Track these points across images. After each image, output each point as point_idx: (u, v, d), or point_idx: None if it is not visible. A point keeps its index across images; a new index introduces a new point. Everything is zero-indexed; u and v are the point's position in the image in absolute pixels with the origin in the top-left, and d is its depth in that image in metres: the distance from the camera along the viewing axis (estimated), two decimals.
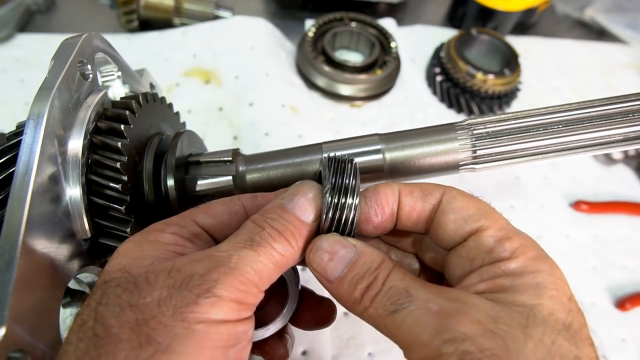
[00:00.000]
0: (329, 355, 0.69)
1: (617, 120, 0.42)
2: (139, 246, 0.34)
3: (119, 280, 0.31)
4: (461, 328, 0.29)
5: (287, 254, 0.34)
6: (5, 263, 0.32)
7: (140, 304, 0.29)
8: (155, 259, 0.33)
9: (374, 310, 0.33)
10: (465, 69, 1.02)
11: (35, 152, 0.37)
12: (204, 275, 0.30)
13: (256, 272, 0.31)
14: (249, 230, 0.34)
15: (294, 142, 0.81)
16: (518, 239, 0.34)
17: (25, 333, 0.32)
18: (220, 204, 0.39)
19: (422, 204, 0.38)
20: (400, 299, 0.32)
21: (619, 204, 0.97)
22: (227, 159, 0.51)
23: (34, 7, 1.09)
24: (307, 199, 0.37)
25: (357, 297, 0.34)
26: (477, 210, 0.36)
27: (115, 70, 0.52)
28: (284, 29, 1.10)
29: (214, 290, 0.29)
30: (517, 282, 0.32)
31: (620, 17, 1.32)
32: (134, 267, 0.31)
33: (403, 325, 0.31)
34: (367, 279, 0.34)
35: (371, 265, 0.34)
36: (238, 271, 0.30)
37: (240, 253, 0.32)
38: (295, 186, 0.38)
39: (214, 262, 0.31)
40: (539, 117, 0.44)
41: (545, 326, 0.29)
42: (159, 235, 0.35)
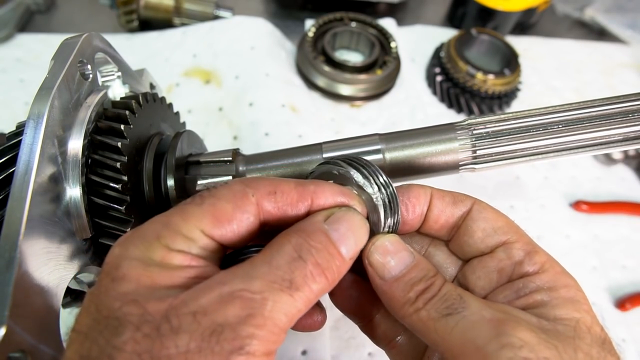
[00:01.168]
0: (329, 355, 0.69)
1: (617, 120, 0.42)
2: (147, 270, 0.29)
3: (136, 320, 0.26)
4: (518, 334, 0.29)
5: (321, 293, 0.31)
6: (5, 263, 0.32)
7: (163, 356, 0.25)
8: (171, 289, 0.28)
9: (426, 313, 0.33)
10: (465, 69, 1.02)
11: (35, 152, 0.37)
12: (236, 327, 0.26)
13: (288, 319, 0.28)
14: (287, 264, 0.29)
15: (294, 142, 0.81)
16: (543, 253, 0.36)
17: (26, 333, 0.32)
18: (229, 204, 0.32)
19: (452, 210, 0.39)
20: (454, 303, 0.32)
21: (619, 204, 0.97)
22: (227, 159, 0.51)
23: (34, 7, 1.09)
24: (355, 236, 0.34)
25: (412, 297, 0.34)
26: (506, 223, 0.37)
27: (115, 70, 0.52)
28: (284, 29, 1.10)
29: (248, 348, 0.26)
30: (553, 296, 0.33)
31: (620, 17, 1.32)
32: (151, 303, 0.27)
33: (456, 329, 0.31)
34: (425, 283, 0.34)
35: (429, 272, 0.35)
36: (272, 321, 0.27)
37: (275, 298, 0.28)
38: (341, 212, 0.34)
39: (246, 308, 0.27)
40: (539, 117, 0.44)
41: (590, 338, 0.31)
42: (166, 255, 0.30)
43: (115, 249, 0.30)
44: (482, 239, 0.37)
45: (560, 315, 0.32)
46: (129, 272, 0.29)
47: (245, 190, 0.33)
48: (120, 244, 0.31)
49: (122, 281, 0.28)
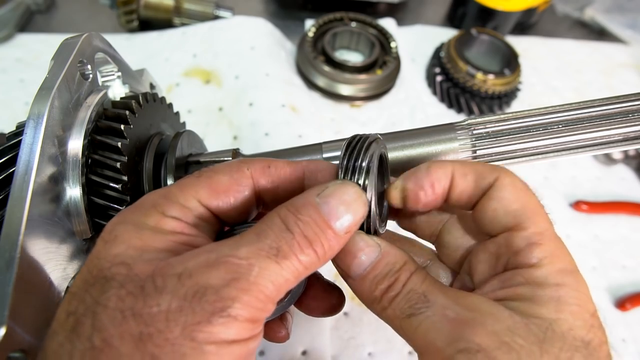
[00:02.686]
0: (329, 355, 0.69)
1: (617, 120, 0.42)
2: (139, 233, 0.29)
3: (122, 279, 0.27)
4: (476, 339, 0.28)
5: (311, 266, 0.30)
6: (5, 263, 0.32)
7: (145, 314, 0.25)
8: (160, 252, 0.29)
9: (391, 312, 0.32)
10: (465, 69, 1.02)
11: (35, 152, 0.37)
12: (219, 290, 0.26)
13: (275, 287, 0.28)
14: (276, 235, 0.29)
15: (294, 142, 0.81)
16: (550, 247, 0.32)
17: (26, 333, 0.32)
18: (225, 176, 0.33)
19: (473, 189, 0.35)
20: (417, 303, 0.31)
21: (619, 204, 0.97)
22: (227, 159, 0.51)
23: (34, 7, 1.09)
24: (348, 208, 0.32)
25: (377, 296, 0.33)
26: (522, 207, 0.33)
27: (115, 70, 0.52)
28: (284, 29, 1.10)
29: (229, 310, 0.26)
30: (538, 293, 0.31)
31: (620, 17, 1.32)
32: (139, 264, 0.28)
33: (419, 330, 0.31)
34: (388, 280, 0.33)
35: (393, 267, 0.34)
36: (257, 287, 0.27)
37: (262, 264, 0.28)
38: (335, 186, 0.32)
39: (231, 272, 0.27)
40: (539, 117, 0.44)
41: (563, 342, 0.29)
42: (160, 220, 0.31)
43: (114, 218, 0.31)
44: (490, 220, 0.34)
45: (536, 313, 0.30)
46: (121, 234, 0.29)
47: (240, 164, 0.35)
48: (118, 214, 0.32)
49: (113, 243, 0.29)
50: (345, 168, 0.35)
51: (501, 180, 0.34)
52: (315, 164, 0.37)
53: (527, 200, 0.34)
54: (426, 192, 0.36)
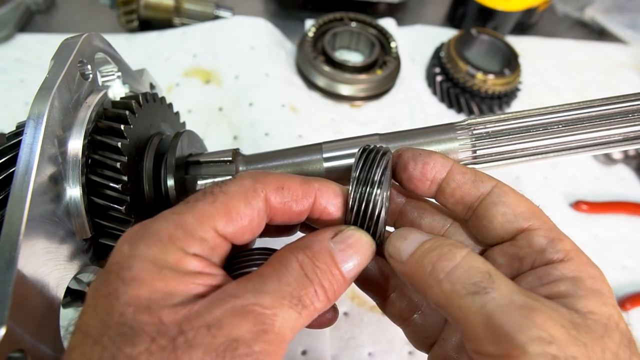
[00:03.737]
0: (329, 355, 0.69)
1: (617, 120, 0.42)
2: (161, 274, 0.28)
3: (152, 331, 0.26)
4: (548, 329, 0.27)
5: (322, 310, 0.32)
6: (5, 263, 0.32)
7: None
8: (185, 297, 0.28)
9: (449, 286, 0.30)
10: (465, 69, 1.02)
11: (35, 152, 0.37)
12: (249, 343, 0.26)
13: (293, 334, 0.30)
14: (296, 282, 0.30)
15: (294, 142, 0.81)
16: (568, 241, 0.34)
17: (26, 333, 0.32)
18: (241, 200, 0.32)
19: (470, 187, 0.37)
20: (482, 281, 0.29)
21: (619, 204, 0.97)
22: (227, 159, 0.51)
23: (34, 7, 1.09)
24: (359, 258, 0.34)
25: (427, 265, 0.32)
26: (528, 209, 0.35)
27: (115, 70, 0.52)
28: (284, 29, 1.10)
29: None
30: (579, 287, 0.31)
31: (620, 17, 1.32)
32: (165, 312, 0.26)
33: (482, 312, 0.28)
34: (439, 250, 0.32)
35: (445, 241, 0.33)
36: (280, 337, 0.28)
37: (284, 314, 0.29)
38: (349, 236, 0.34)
39: (258, 323, 0.27)
40: (539, 117, 0.44)
41: (619, 337, 0.29)
42: (181, 258, 0.29)
43: (124, 247, 0.29)
44: (502, 224, 0.35)
45: (590, 308, 0.30)
46: (142, 274, 0.28)
47: (255, 186, 0.33)
48: (129, 241, 0.30)
49: (133, 284, 0.27)
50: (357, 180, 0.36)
51: (500, 187, 0.36)
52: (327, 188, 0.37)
53: (529, 204, 0.36)
54: (416, 166, 0.38)
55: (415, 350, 0.72)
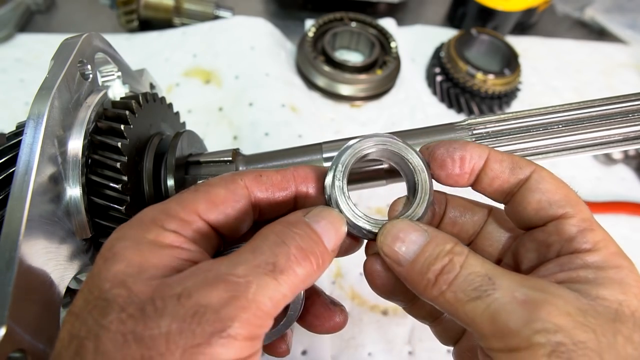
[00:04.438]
0: (329, 355, 0.69)
1: (617, 120, 0.42)
2: (138, 248, 0.30)
3: (123, 301, 0.27)
4: (552, 319, 0.28)
5: (307, 279, 0.31)
6: (5, 263, 0.32)
7: (146, 337, 0.26)
8: (160, 269, 0.29)
9: (452, 295, 0.31)
10: (465, 69, 1.02)
11: (35, 152, 0.37)
12: (219, 310, 0.26)
13: (274, 303, 0.28)
14: (271, 249, 0.30)
15: (294, 142, 0.81)
16: (600, 232, 0.33)
17: (26, 333, 0.32)
18: (221, 188, 0.35)
19: (508, 175, 0.36)
20: (482, 285, 0.30)
21: (619, 204, 0.97)
22: (227, 159, 0.51)
23: (34, 7, 1.09)
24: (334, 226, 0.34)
25: (431, 279, 0.32)
26: (564, 196, 0.34)
27: (115, 70, 0.52)
28: (284, 29, 1.10)
29: (229, 330, 0.26)
30: (600, 275, 0.31)
31: (620, 17, 1.32)
32: (138, 284, 0.28)
33: (486, 313, 0.29)
34: (442, 261, 0.32)
35: (444, 248, 0.33)
36: (255, 304, 0.27)
37: (260, 281, 0.28)
38: (321, 210, 0.35)
39: (230, 290, 0.27)
40: (539, 117, 0.44)
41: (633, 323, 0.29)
42: (159, 233, 0.31)
43: (113, 234, 0.32)
44: (536, 211, 0.35)
45: (602, 294, 0.30)
46: (121, 251, 0.29)
47: (234, 176, 0.36)
48: (117, 229, 0.32)
49: (113, 261, 0.29)
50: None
51: (539, 172, 0.35)
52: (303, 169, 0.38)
53: (567, 191, 0.35)
54: (454, 162, 0.37)
55: (415, 350, 0.72)
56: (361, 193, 0.88)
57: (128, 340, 0.26)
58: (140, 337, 0.26)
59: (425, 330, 0.77)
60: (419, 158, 0.38)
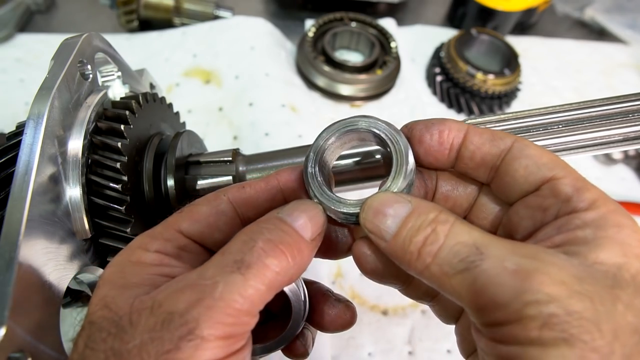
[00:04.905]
0: (329, 355, 0.69)
1: (617, 120, 0.42)
2: (122, 271, 0.31)
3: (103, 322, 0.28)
4: (545, 289, 0.26)
5: (282, 271, 0.30)
6: (5, 263, 0.32)
7: (123, 351, 0.26)
8: (139, 287, 0.30)
9: (437, 268, 0.29)
10: (465, 69, 1.02)
11: (35, 152, 0.37)
12: (184, 313, 0.26)
13: (246, 299, 0.28)
14: (238, 248, 0.30)
15: (294, 142, 0.81)
16: (597, 190, 0.31)
17: (26, 333, 0.32)
18: (204, 205, 0.35)
19: (489, 147, 0.34)
20: (469, 256, 0.28)
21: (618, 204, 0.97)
22: (227, 159, 0.51)
23: (34, 7, 1.09)
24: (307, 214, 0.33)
25: (414, 252, 0.30)
26: (551, 160, 0.32)
27: (115, 70, 0.52)
28: (284, 29, 1.10)
29: (196, 332, 0.26)
30: (599, 235, 0.28)
31: (620, 17, 1.32)
32: (118, 302, 0.29)
33: (474, 286, 0.28)
34: (424, 232, 0.30)
35: (426, 217, 0.31)
36: (224, 302, 0.27)
37: (226, 279, 0.28)
38: (294, 203, 0.35)
39: (196, 293, 0.27)
40: (539, 117, 0.44)
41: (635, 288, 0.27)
42: (141, 255, 0.32)
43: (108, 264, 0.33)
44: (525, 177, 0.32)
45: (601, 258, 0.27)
46: (107, 276, 0.31)
47: (218, 193, 0.37)
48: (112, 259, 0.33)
49: (100, 286, 0.30)
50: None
51: (521, 141, 0.34)
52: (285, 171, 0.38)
53: (552, 155, 0.33)
54: (432, 136, 0.35)
55: (415, 350, 0.72)
56: (361, 193, 0.88)
57: (108, 356, 0.26)
58: (118, 352, 0.26)
59: (425, 330, 0.77)
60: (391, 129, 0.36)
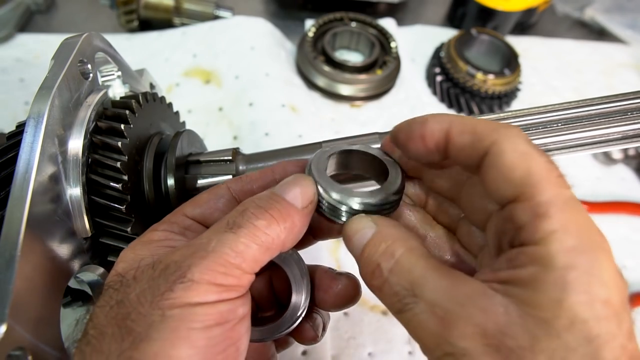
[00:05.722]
0: (329, 355, 0.69)
1: (616, 118, 0.42)
2: (133, 249, 0.35)
3: (113, 283, 0.32)
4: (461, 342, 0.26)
5: (273, 233, 0.32)
6: (6, 262, 0.32)
7: (125, 300, 0.30)
8: (149, 258, 0.33)
9: (384, 302, 0.31)
10: (465, 69, 1.02)
11: (36, 152, 0.37)
12: (179, 261, 0.30)
13: (237, 254, 0.31)
14: (232, 214, 0.34)
15: (294, 142, 0.81)
16: (560, 219, 0.26)
17: (26, 331, 0.32)
18: (206, 193, 0.40)
19: (469, 149, 0.31)
20: (405, 297, 0.29)
21: (619, 204, 0.97)
22: (227, 158, 0.51)
23: (34, 7, 1.10)
24: (299, 185, 0.36)
25: (367, 283, 0.33)
26: (524, 173, 0.28)
27: (115, 70, 0.52)
28: (284, 29, 1.10)
29: (188, 275, 0.29)
30: (541, 277, 0.26)
31: (620, 17, 1.32)
32: (126, 269, 0.33)
33: (409, 327, 0.29)
34: (371, 266, 0.32)
35: (377, 249, 0.32)
36: (215, 254, 0.30)
37: (219, 237, 0.31)
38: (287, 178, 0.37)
39: (192, 249, 0.31)
40: (538, 116, 0.44)
41: (559, 341, 0.25)
42: (151, 234, 0.36)
43: None
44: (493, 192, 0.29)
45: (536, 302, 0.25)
46: (122, 256, 0.35)
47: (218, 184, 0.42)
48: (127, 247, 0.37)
49: (116, 265, 0.34)
50: None
51: (499, 144, 0.29)
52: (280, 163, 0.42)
53: (532, 165, 0.28)
54: (416, 144, 0.34)
55: (415, 350, 0.72)
56: None
57: (112, 306, 0.30)
58: (121, 301, 0.30)
59: None
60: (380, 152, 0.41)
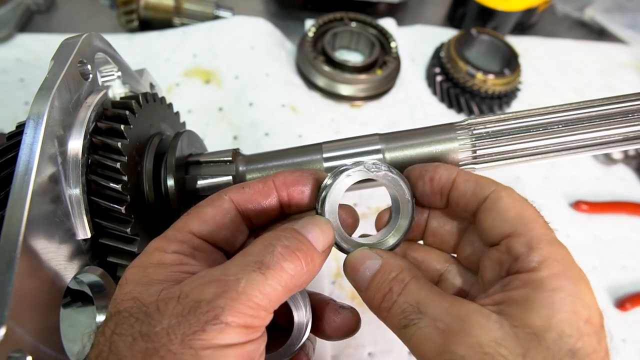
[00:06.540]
0: (329, 355, 0.69)
1: (617, 120, 0.42)
2: (145, 271, 0.34)
3: (131, 310, 0.31)
4: (460, 351, 0.29)
5: (297, 275, 0.33)
6: (5, 263, 0.32)
7: (151, 333, 0.29)
8: (163, 283, 0.33)
9: (390, 321, 0.35)
10: (465, 69, 1.02)
11: (35, 152, 0.37)
12: (211, 301, 0.30)
13: (265, 296, 0.31)
14: (259, 251, 0.33)
15: (294, 142, 0.81)
16: (548, 250, 0.33)
17: (26, 333, 0.32)
18: (209, 206, 0.39)
19: (470, 195, 0.38)
20: (411, 314, 0.33)
21: (619, 204, 0.97)
22: (227, 159, 0.51)
23: (34, 7, 1.09)
24: (320, 229, 0.37)
25: (376, 306, 0.36)
26: (518, 214, 0.35)
27: (115, 70, 0.52)
28: (284, 29, 1.10)
29: (221, 317, 0.29)
30: (532, 298, 0.31)
31: (620, 17, 1.32)
32: (144, 295, 0.32)
33: (412, 341, 0.32)
34: (383, 290, 0.35)
35: (388, 276, 0.36)
36: (246, 296, 0.30)
37: (248, 277, 0.31)
38: (308, 218, 0.38)
39: (221, 287, 0.31)
40: (539, 117, 0.44)
41: (547, 352, 0.29)
42: (162, 256, 0.35)
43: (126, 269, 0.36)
44: (490, 229, 0.36)
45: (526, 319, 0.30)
46: (131, 276, 0.34)
47: (220, 193, 0.40)
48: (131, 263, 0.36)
49: (124, 285, 0.33)
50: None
51: (498, 192, 0.37)
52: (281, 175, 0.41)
53: (524, 209, 0.36)
54: (424, 184, 0.41)
55: None
56: (361, 193, 0.88)
57: (136, 338, 0.29)
58: (146, 334, 0.29)
59: None
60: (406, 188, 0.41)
